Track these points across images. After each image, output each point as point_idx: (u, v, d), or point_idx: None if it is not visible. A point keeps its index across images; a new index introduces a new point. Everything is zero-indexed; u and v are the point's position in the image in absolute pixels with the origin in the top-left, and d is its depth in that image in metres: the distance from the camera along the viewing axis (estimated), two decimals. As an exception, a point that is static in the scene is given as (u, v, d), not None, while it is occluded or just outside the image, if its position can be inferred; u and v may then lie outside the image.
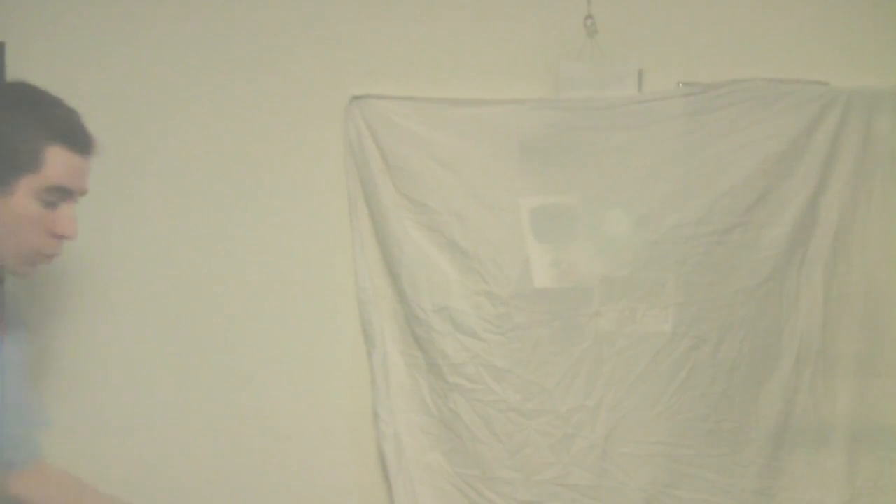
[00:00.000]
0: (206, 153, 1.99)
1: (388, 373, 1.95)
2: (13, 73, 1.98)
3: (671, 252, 1.89)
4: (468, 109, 1.94)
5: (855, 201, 1.92)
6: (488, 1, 1.99)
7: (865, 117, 1.92)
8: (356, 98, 1.95)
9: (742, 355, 1.89)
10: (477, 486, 1.92)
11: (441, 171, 1.93)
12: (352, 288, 1.96)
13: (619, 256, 1.90)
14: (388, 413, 1.93)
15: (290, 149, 1.98)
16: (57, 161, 1.41)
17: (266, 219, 1.99)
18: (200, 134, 1.99)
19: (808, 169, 1.91)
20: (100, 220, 1.98)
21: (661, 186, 1.90)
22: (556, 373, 1.91)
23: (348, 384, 1.97)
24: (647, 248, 1.90)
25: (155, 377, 1.97)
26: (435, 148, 1.93)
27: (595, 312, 1.91)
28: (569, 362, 1.91)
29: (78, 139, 1.44)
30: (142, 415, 1.97)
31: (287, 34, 1.99)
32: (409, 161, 1.94)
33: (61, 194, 1.43)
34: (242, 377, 1.97)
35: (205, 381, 1.96)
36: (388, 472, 1.94)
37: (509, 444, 1.91)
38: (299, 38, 1.99)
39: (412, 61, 1.98)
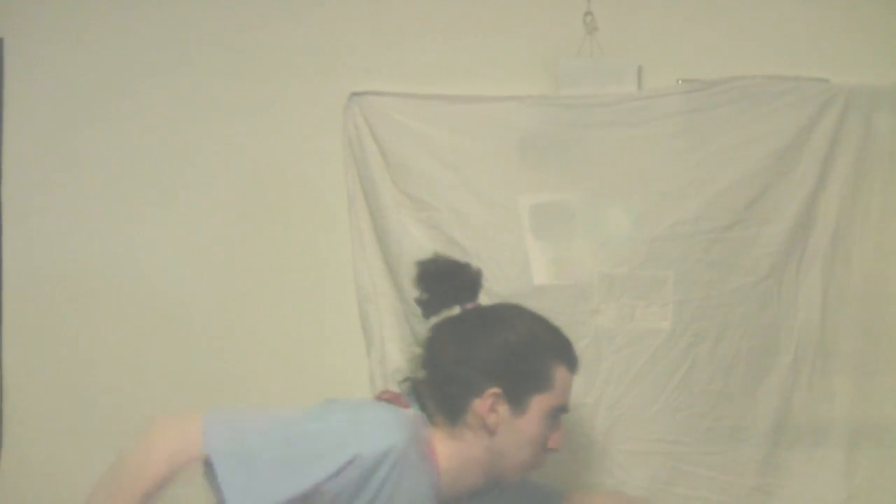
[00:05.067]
0: (205, 151, 1.99)
1: (387, 370, 1.94)
2: (12, 69, 1.99)
3: (670, 249, 1.89)
4: (467, 106, 1.93)
5: (854, 199, 1.91)
6: (488, -2, 2.00)
7: (865, 115, 1.91)
8: (355, 95, 1.94)
9: (741, 352, 1.89)
10: (476, 483, 1.92)
11: (440, 168, 1.93)
12: (351, 285, 1.96)
13: (619, 254, 1.90)
14: (387, 410, 1.93)
15: (288, 146, 1.98)
16: (562, 381, 1.52)
17: (264, 216, 1.99)
18: (199, 131, 1.99)
19: (807, 166, 1.90)
20: (101, 220, 1.99)
21: (660, 183, 1.90)
22: (554, 370, 1.90)
23: (347, 382, 1.96)
24: (646, 246, 1.89)
25: (153, 377, 1.97)
26: (434, 145, 1.93)
27: (594, 310, 1.90)
28: (568, 359, 1.91)
29: (575, 360, 1.56)
30: (139, 415, 1.96)
31: (286, 30, 1.99)
32: (408, 158, 1.93)
33: (561, 412, 1.53)
34: (241, 375, 1.97)
35: (203, 380, 1.96)
36: (387, 469, 1.94)
37: (508, 441, 1.90)
38: (298, 35, 1.99)
39: (411, 58, 1.98)
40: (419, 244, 1.92)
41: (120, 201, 1.99)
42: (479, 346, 1.50)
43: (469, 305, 1.60)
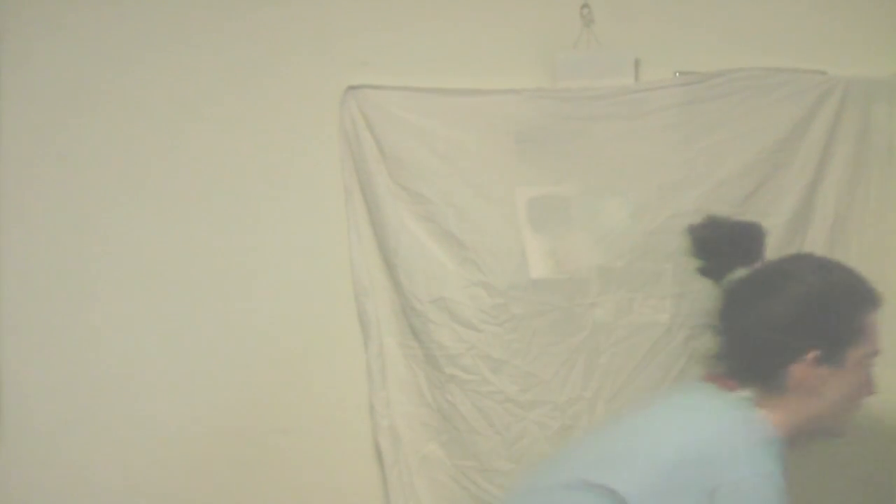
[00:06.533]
0: (201, 145, 1.99)
1: (385, 364, 1.94)
2: (7, 64, 1.98)
3: (668, 242, 1.87)
4: (464, 99, 1.93)
5: (852, 190, 1.91)
6: (484, -10, 1.99)
7: (863, 106, 1.91)
8: (352, 88, 1.94)
9: (740, 345, 1.89)
10: (474, 478, 1.92)
11: (437, 161, 1.92)
12: (348, 279, 1.96)
13: (616, 246, 1.89)
14: (384, 405, 1.93)
15: (285, 140, 1.98)
16: (871, 326, 1.49)
17: (262, 210, 1.98)
18: (195, 124, 1.98)
19: (805, 158, 1.90)
20: (101, 214, 1.98)
21: (657, 176, 1.90)
22: (553, 363, 1.90)
23: (344, 375, 1.96)
24: (644, 238, 1.89)
25: (152, 373, 1.96)
26: (431, 138, 1.93)
27: (592, 303, 1.90)
28: (566, 353, 1.90)
29: (878, 300, 1.52)
30: (138, 408, 1.96)
31: (282, 24, 1.98)
32: (405, 151, 1.93)
33: (874, 357, 1.50)
34: (239, 369, 1.97)
35: (201, 374, 1.96)
36: (384, 464, 1.94)
37: (507, 435, 1.90)
38: (294, 28, 1.98)
39: (408, 51, 1.97)
40: (416, 238, 1.92)
41: (116, 195, 1.98)
42: (784, 310, 1.47)
43: (756, 265, 1.56)
